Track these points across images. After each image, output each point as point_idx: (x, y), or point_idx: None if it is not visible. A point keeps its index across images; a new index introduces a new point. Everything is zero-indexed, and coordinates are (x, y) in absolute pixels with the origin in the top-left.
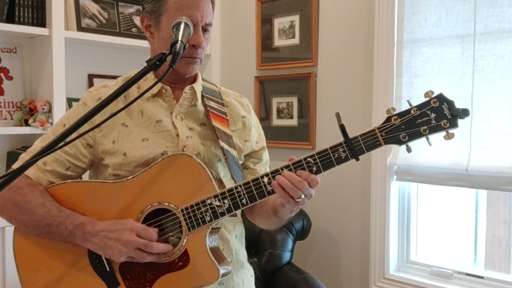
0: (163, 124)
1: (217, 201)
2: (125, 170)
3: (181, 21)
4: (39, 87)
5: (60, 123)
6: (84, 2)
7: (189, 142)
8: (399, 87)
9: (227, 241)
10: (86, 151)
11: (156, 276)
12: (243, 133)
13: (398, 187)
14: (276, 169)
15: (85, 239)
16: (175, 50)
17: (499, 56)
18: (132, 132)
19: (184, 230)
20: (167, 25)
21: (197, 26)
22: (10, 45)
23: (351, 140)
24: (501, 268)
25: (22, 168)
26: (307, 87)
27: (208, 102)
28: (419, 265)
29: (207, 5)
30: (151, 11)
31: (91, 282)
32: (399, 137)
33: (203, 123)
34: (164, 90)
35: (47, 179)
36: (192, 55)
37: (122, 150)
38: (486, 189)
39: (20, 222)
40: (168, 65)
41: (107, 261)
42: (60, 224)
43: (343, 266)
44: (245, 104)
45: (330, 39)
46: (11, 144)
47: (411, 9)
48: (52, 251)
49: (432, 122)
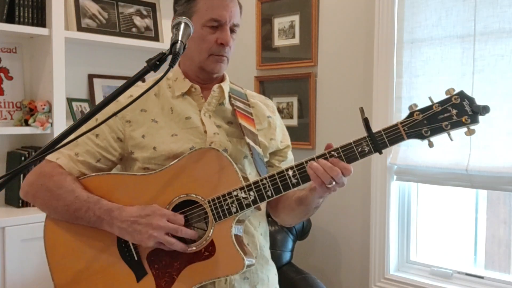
0: (192, 121)
1: (243, 193)
2: (154, 164)
3: (181, 21)
4: (39, 87)
5: (93, 118)
6: (84, 2)
7: (216, 138)
8: (399, 87)
9: (252, 236)
10: (116, 144)
11: (182, 266)
12: (268, 132)
13: (398, 187)
14: (301, 162)
15: (112, 224)
16: (175, 50)
17: (499, 56)
18: (162, 128)
19: (211, 220)
20: (197, 25)
21: (225, 25)
22: (10, 45)
23: (375, 134)
24: (501, 268)
25: (22, 167)
26: (307, 87)
27: (235, 102)
28: (419, 265)
29: (235, 6)
30: (182, 13)
31: (119, 270)
32: (421, 132)
33: (230, 121)
34: (194, 89)
35: (78, 170)
36: (219, 53)
37: (152, 144)
38: (486, 189)
39: (50, 207)
40: (199, 65)
41: (135, 250)
42: (88, 209)
43: (343, 266)
44: (270, 105)
45: (330, 39)
46: (11, 144)
47: (411, 9)
48: (81, 238)
49: (454, 118)
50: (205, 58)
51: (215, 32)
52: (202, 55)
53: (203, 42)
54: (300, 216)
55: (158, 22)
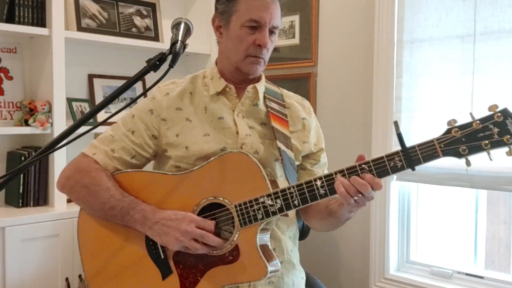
0: (224, 121)
1: (270, 200)
2: (186, 163)
3: (181, 21)
4: (39, 87)
5: (129, 115)
6: (84, 2)
7: (248, 140)
8: (399, 87)
9: (279, 241)
10: (151, 142)
11: (207, 268)
12: (302, 135)
13: (398, 187)
14: (330, 173)
15: (145, 225)
16: (175, 50)
17: (499, 56)
18: (195, 127)
19: (237, 225)
20: (236, 25)
21: (264, 27)
22: (10, 45)
23: (408, 149)
24: (501, 268)
25: (22, 167)
26: (307, 87)
27: (270, 103)
28: (419, 265)
29: (276, 8)
30: (222, 11)
31: (146, 267)
32: (458, 150)
33: (264, 122)
34: (228, 89)
35: (113, 166)
36: (256, 54)
37: (185, 144)
38: (486, 189)
39: (86, 203)
40: (235, 65)
41: (162, 248)
42: (122, 208)
43: (343, 266)
44: (306, 106)
45: (330, 39)
46: (11, 144)
47: (411, 9)
48: (112, 233)
49: (495, 137)
50: (242, 58)
51: (254, 33)
52: (239, 55)
53: (241, 43)
54: (330, 227)
55: (158, 22)
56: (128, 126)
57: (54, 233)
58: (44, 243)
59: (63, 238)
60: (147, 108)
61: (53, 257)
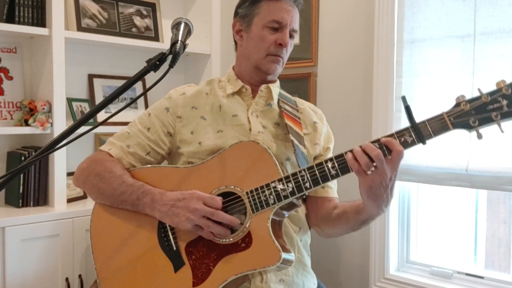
0: (238, 118)
1: (281, 184)
2: (198, 158)
3: (181, 21)
4: (39, 87)
5: (146, 113)
6: (84, 2)
7: (260, 137)
8: (399, 87)
9: (291, 238)
10: (166, 139)
11: (219, 257)
12: (314, 137)
13: (398, 187)
14: (341, 154)
15: (153, 207)
16: (175, 50)
17: (499, 56)
18: (209, 125)
19: (248, 212)
20: (258, 26)
21: (285, 27)
22: (10, 45)
23: (418, 124)
24: (501, 268)
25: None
26: (307, 87)
27: (283, 105)
28: (419, 265)
29: (296, 14)
30: (244, 15)
31: (158, 260)
32: (468, 122)
33: (277, 123)
34: (244, 89)
35: (128, 161)
36: (277, 53)
37: (198, 140)
38: (486, 189)
39: (99, 190)
40: (255, 64)
41: (174, 240)
42: (132, 192)
43: (343, 266)
44: (318, 113)
45: (330, 39)
46: (11, 144)
47: (411, 9)
48: (124, 226)
49: (504, 108)
50: (262, 57)
51: (275, 34)
52: (260, 54)
53: (263, 42)
54: (355, 227)
55: (158, 22)
56: (144, 123)
57: (54, 233)
58: (44, 243)
59: (63, 238)
60: (163, 107)
61: (53, 257)
